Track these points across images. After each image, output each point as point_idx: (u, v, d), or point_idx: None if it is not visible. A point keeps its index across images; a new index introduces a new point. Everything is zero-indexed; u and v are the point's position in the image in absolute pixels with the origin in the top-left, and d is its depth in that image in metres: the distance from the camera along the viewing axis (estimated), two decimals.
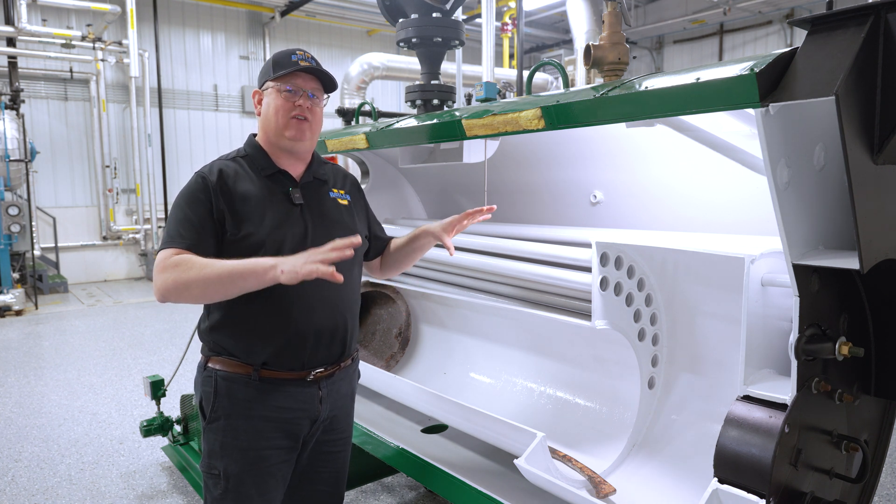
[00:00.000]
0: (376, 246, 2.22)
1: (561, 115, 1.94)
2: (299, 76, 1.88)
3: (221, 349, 1.87)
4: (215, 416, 1.86)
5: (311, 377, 1.90)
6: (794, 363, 1.58)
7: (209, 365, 1.89)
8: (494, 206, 2.10)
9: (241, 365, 1.84)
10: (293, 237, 1.84)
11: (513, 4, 11.49)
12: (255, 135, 1.98)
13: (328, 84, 1.94)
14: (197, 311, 1.91)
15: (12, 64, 10.31)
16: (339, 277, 1.62)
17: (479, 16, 10.74)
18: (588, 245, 2.29)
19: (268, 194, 1.87)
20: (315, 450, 2.02)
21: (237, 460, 1.85)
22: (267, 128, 1.92)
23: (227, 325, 1.85)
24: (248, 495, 1.87)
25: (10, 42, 10.35)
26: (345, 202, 2.05)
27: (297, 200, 1.90)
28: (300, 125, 1.88)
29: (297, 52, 1.91)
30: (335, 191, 2.04)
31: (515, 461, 2.18)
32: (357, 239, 1.69)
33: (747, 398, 1.69)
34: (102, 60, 11.10)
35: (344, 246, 1.65)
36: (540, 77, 11.84)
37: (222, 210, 1.80)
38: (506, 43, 12.93)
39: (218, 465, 1.87)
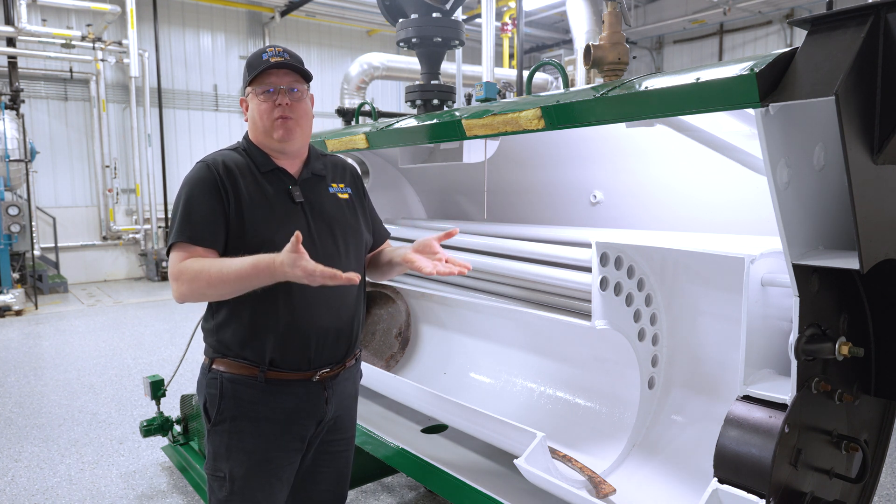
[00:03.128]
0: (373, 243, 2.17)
1: (561, 115, 1.94)
2: (272, 73, 1.84)
3: (227, 350, 1.85)
4: (221, 418, 1.85)
5: (317, 377, 1.89)
6: (794, 363, 1.58)
7: (214, 367, 1.87)
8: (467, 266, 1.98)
9: (247, 367, 1.83)
10: None
11: (513, 4, 11.50)
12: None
13: (304, 74, 1.89)
14: (198, 311, 1.91)
15: (12, 64, 10.31)
16: (356, 279, 1.58)
17: (479, 16, 10.74)
18: (588, 245, 2.29)
19: (268, 192, 1.85)
20: (319, 450, 2.02)
21: (243, 462, 1.85)
22: (256, 133, 1.91)
23: (233, 324, 1.84)
24: (254, 498, 1.86)
25: (10, 42, 10.35)
26: (345, 196, 2.02)
27: (298, 198, 1.89)
28: (286, 124, 1.85)
29: (268, 49, 1.87)
30: (334, 185, 2.01)
31: (515, 461, 2.18)
32: (355, 277, 1.59)
33: (747, 398, 1.69)
34: (102, 60, 11.10)
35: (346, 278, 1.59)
36: (540, 77, 11.85)
37: (229, 201, 1.80)
38: (506, 43, 12.93)
39: (223, 468, 1.86)
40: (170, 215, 1.86)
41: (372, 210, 2.18)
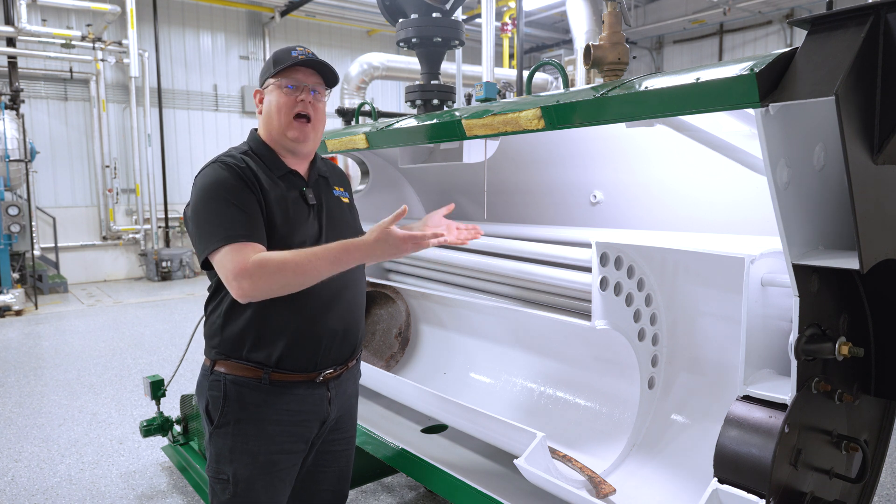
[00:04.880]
0: None
1: (561, 115, 1.94)
2: (300, 70, 1.86)
3: (231, 351, 1.83)
4: (224, 420, 1.84)
5: (321, 378, 1.89)
6: (794, 363, 1.58)
7: (216, 369, 1.85)
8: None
9: (251, 368, 1.82)
10: (311, 239, 1.83)
11: (513, 4, 11.50)
12: (256, 129, 1.95)
13: (329, 78, 1.91)
14: (198, 311, 1.89)
15: (12, 64, 10.31)
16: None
17: (479, 16, 10.75)
18: (588, 245, 2.29)
19: (285, 194, 1.84)
20: (320, 450, 2.02)
21: (247, 465, 1.83)
22: (269, 127, 1.89)
23: (241, 325, 1.81)
24: (258, 500, 1.86)
25: (10, 42, 10.34)
26: (346, 200, 2.05)
27: (312, 201, 1.89)
28: (303, 127, 1.85)
29: (297, 48, 1.88)
30: (337, 189, 2.03)
31: (515, 461, 2.18)
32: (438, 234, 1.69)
33: (747, 398, 1.69)
34: (102, 60, 11.10)
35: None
36: (540, 77, 11.85)
37: (259, 197, 1.76)
38: (506, 43, 12.93)
39: (227, 470, 1.84)
40: (198, 219, 1.74)
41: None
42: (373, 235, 1.62)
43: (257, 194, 1.76)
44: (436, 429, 3.02)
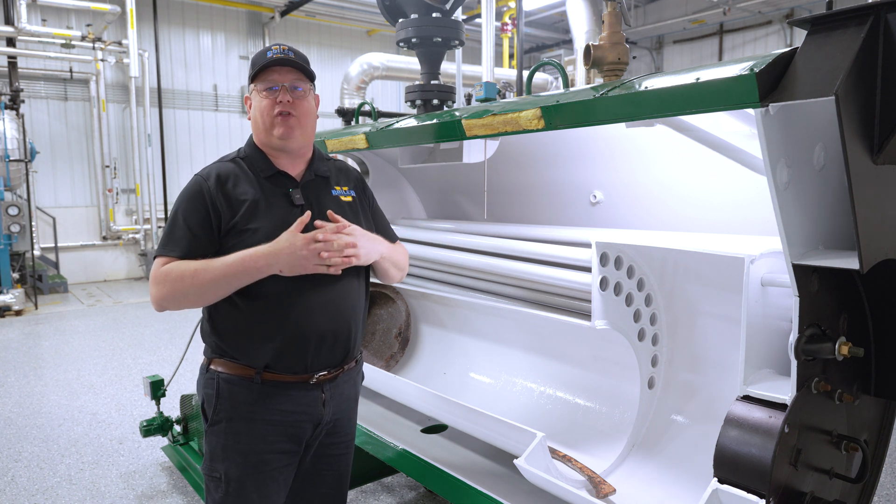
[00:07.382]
0: None
1: (561, 115, 1.94)
2: (275, 70, 1.85)
3: (224, 351, 1.85)
4: (217, 418, 1.85)
5: (314, 380, 1.88)
6: (794, 363, 1.58)
7: (211, 367, 1.87)
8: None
9: (244, 367, 1.83)
10: None
11: (513, 4, 11.49)
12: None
13: (307, 72, 1.90)
14: (197, 311, 1.90)
15: (12, 64, 10.31)
16: (338, 270, 1.75)
17: (479, 16, 10.74)
18: (588, 245, 2.29)
19: (267, 196, 1.85)
20: (318, 453, 2.01)
21: (238, 464, 1.84)
22: (257, 131, 1.91)
23: (229, 327, 1.84)
24: (250, 499, 1.86)
25: (10, 42, 10.34)
26: (348, 199, 2.01)
27: (298, 201, 1.88)
28: (286, 121, 1.84)
29: (273, 47, 1.87)
30: (337, 188, 2.00)
31: (515, 461, 2.18)
32: (343, 224, 1.79)
33: (747, 398, 1.69)
34: (102, 60, 11.10)
35: (335, 233, 1.75)
36: (540, 77, 11.85)
37: (220, 214, 1.80)
38: (506, 43, 12.93)
39: (219, 468, 1.85)
40: (166, 224, 1.90)
41: (378, 214, 2.17)
42: (273, 245, 1.71)
43: (214, 211, 1.81)
44: (436, 429, 3.02)
